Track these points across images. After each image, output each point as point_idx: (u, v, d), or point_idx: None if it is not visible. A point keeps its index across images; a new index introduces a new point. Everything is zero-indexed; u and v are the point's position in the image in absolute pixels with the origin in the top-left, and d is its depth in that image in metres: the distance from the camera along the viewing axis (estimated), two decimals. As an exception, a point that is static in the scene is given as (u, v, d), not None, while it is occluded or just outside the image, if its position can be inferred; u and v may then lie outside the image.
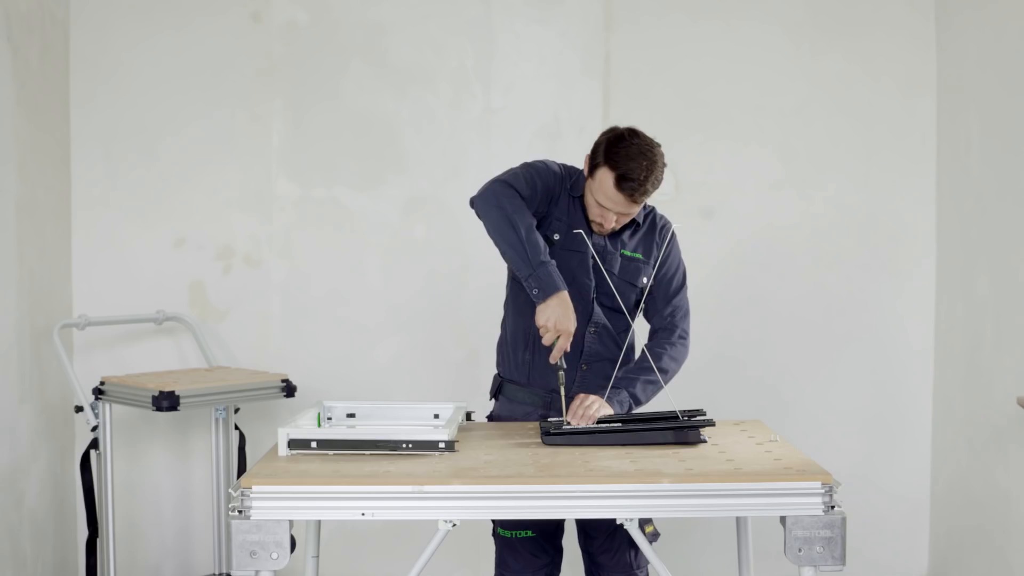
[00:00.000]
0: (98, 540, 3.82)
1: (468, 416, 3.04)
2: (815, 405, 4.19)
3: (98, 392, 3.73)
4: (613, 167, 2.82)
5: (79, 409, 3.77)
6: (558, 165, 3.05)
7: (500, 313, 3.18)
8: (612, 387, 2.94)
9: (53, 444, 3.97)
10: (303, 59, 4.17)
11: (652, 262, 3.05)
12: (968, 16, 3.88)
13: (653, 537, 3.05)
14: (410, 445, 2.62)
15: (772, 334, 4.22)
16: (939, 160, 4.12)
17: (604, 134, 2.92)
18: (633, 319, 3.09)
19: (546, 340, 2.83)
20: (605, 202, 2.89)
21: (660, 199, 3.24)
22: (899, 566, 4.21)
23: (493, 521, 3.10)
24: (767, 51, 4.15)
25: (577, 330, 2.90)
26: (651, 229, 3.08)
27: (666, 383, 2.99)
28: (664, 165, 2.87)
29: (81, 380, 3.81)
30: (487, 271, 4.17)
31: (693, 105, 4.15)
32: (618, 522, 2.48)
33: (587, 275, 3.00)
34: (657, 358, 3.00)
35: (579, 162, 3.02)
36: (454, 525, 2.41)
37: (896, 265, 4.18)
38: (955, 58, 3.99)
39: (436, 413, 2.99)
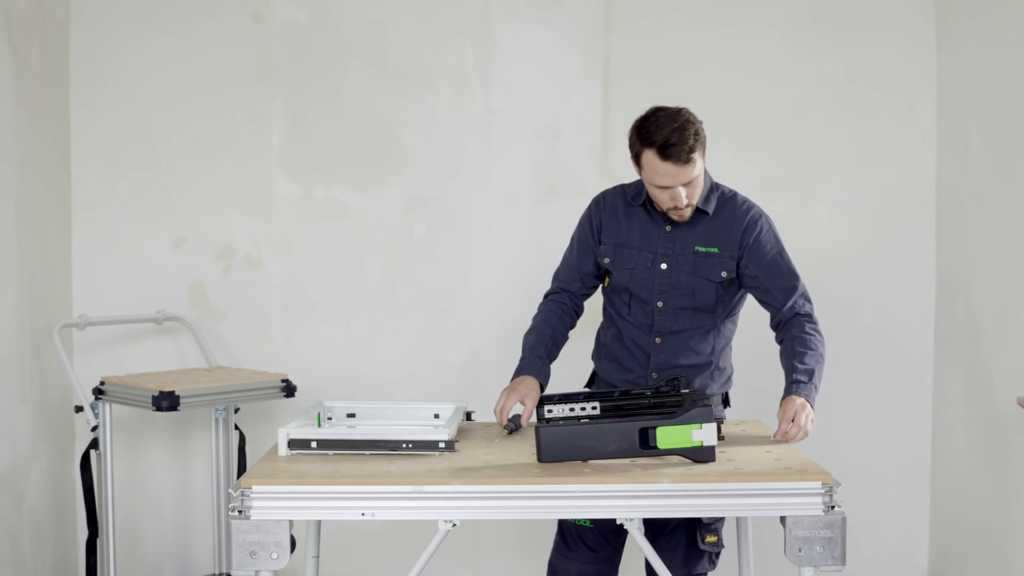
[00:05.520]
0: (98, 540, 3.82)
1: (468, 416, 3.04)
2: (815, 405, 4.18)
3: (98, 392, 3.72)
4: (650, 144, 2.84)
5: (79, 409, 3.77)
6: (597, 197, 3.12)
7: (499, 313, 3.19)
8: (795, 381, 2.88)
9: (53, 444, 3.97)
10: (303, 59, 4.17)
11: (731, 253, 3.00)
12: (969, 18, 3.88)
13: (714, 547, 3.03)
14: (410, 445, 2.62)
15: (772, 334, 4.21)
16: (939, 160, 4.12)
17: (632, 126, 2.94)
18: (722, 318, 3.08)
19: (499, 421, 2.86)
20: (662, 180, 2.87)
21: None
22: (899, 566, 4.20)
23: None
24: (767, 52, 4.15)
25: (642, 340, 3.02)
26: (729, 219, 3.03)
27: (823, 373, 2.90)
28: (698, 122, 2.89)
29: (81, 380, 3.81)
30: (487, 271, 4.18)
31: (693, 105, 4.05)
32: (618, 522, 2.47)
33: (644, 287, 3.00)
34: (809, 346, 2.96)
35: (580, 160, 3.02)
36: (454, 525, 2.41)
37: (896, 265, 4.17)
38: (955, 59, 3.99)
39: (436, 413, 2.99)
